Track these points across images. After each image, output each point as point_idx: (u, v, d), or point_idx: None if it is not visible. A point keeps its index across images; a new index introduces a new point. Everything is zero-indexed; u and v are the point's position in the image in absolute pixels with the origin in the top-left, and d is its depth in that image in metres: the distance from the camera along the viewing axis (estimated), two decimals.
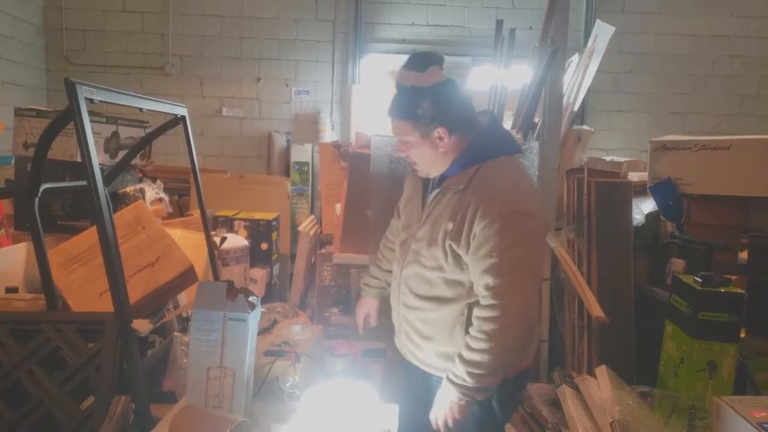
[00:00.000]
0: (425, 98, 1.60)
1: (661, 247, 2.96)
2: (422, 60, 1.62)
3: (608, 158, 3.67)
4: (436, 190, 1.71)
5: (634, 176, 3.40)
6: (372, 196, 2.72)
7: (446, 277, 1.68)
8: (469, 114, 1.69)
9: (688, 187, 2.82)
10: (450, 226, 1.62)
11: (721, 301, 2.18)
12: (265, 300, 3.23)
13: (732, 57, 5.98)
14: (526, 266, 1.56)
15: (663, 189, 2.87)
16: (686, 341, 2.23)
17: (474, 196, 1.59)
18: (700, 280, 2.22)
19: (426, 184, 1.78)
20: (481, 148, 1.65)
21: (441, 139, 1.63)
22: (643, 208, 3.18)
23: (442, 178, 1.70)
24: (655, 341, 2.49)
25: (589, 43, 3.91)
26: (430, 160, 1.68)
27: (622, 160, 3.53)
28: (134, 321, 1.85)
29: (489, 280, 1.56)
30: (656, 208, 3.01)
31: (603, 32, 3.89)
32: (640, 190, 3.29)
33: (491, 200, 1.55)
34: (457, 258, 1.63)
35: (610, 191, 2.89)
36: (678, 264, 2.73)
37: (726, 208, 2.76)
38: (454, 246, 1.61)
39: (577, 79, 3.82)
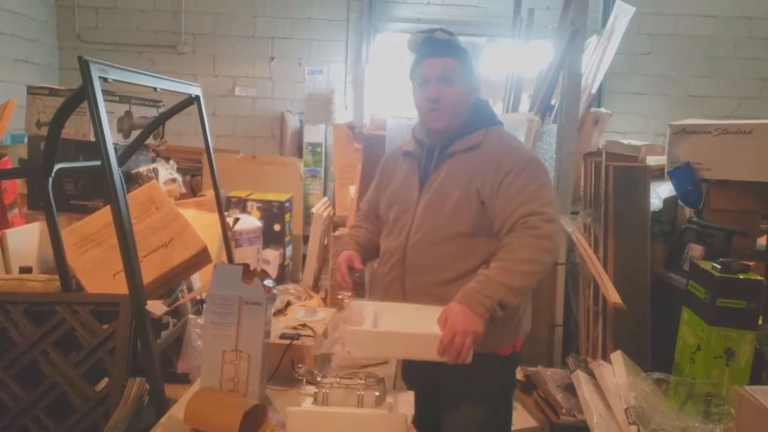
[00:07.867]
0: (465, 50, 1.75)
1: (678, 233, 2.92)
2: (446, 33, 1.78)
3: (625, 142, 3.61)
4: (440, 158, 1.75)
5: (652, 160, 3.35)
6: None
7: (462, 232, 1.69)
8: None
9: (707, 172, 2.77)
10: (470, 180, 1.68)
11: (740, 288, 2.15)
12: (278, 281, 3.23)
13: (753, 39, 5.84)
14: (553, 205, 1.66)
15: (682, 173, 2.81)
16: (703, 328, 2.20)
17: (492, 152, 1.70)
18: (719, 266, 2.19)
19: (417, 164, 1.82)
20: (485, 114, 1.80)
21: (473, 88, 1.77)
22: (661, 192, 3.14)
23: (444, 148, 1.75)
24: (671, 327, 2.47)
25: (609, 24, 3.82)
26: (463, 103, 1.74)
27: (640, 143, 3.47)
28: (148, 302, 1.85)
29: (532, 209, 1.61)
30: (674, 193, 2.96)
31: (623, 12, 3.80)
32: (657, 174, 3.25)
33: (511, 154, 1.69)
34: (479, 209, 1.67)
35: (629, 175, 2.85)
36: (696, 250, 2.69)
37: (745, 193, 2.70)
38: (481, 197, 1.67)
39: (596, 60, 3.74)
